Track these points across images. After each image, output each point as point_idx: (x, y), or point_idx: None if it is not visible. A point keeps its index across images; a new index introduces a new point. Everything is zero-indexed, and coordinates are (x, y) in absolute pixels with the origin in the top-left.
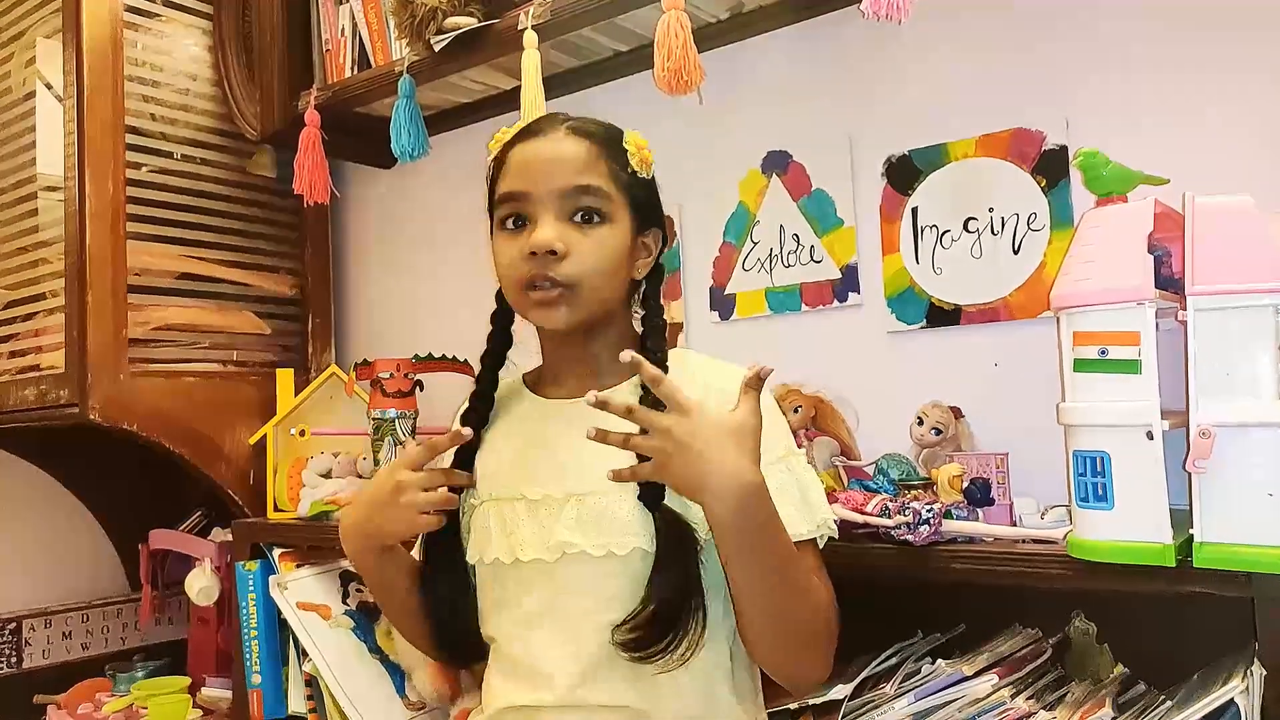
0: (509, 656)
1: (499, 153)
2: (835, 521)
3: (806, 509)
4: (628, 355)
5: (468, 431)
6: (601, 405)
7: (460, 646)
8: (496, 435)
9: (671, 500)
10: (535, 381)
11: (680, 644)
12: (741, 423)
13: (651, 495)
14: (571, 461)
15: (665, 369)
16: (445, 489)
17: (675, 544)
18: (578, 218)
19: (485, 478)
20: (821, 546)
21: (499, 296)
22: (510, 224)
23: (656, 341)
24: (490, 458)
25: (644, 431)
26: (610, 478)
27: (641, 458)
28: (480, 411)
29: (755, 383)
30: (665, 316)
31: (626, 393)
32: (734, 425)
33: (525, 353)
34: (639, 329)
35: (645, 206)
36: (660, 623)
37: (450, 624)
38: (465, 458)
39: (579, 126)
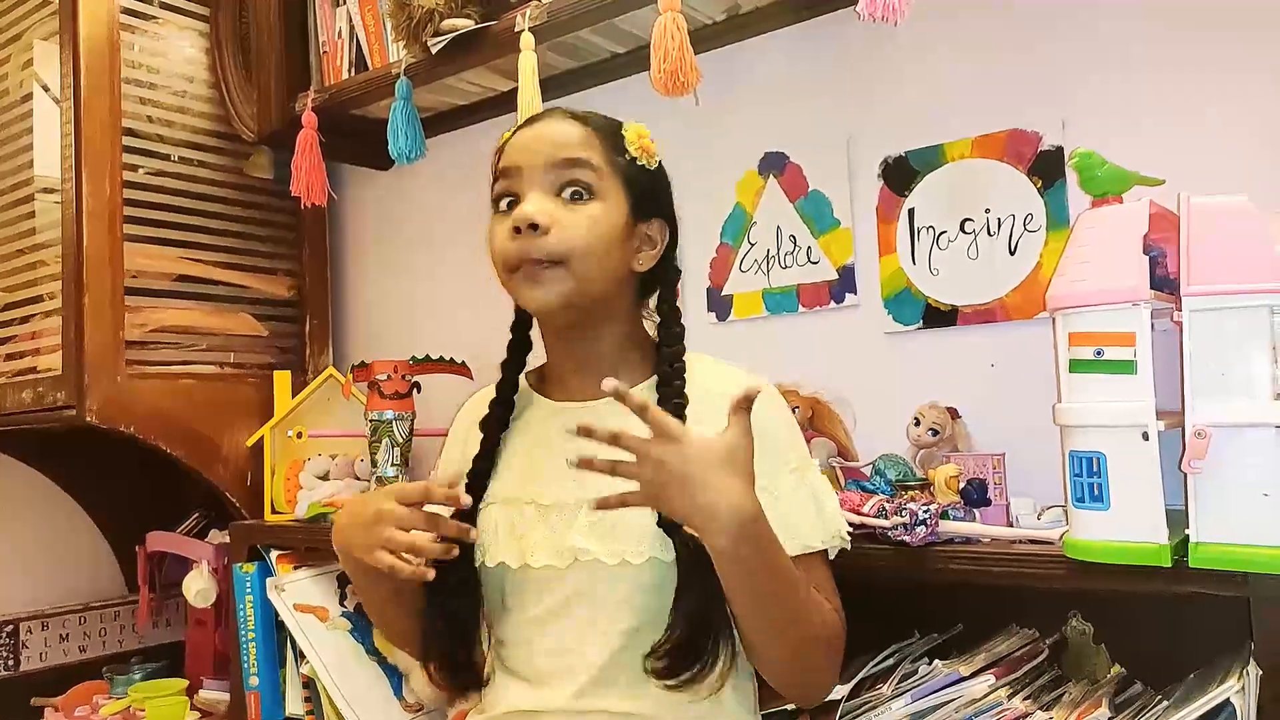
0: (514, 660)
1: (501, 145)
2: (848, 532)
3: (821, 520)
4: (610, 384)
5: (466, 500)
6: (619, 396)
7: (461, 676)
8: (502, 437)
9: None
10: (539, 382)
11: (712, 671)
12: (732, 446)
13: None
14: None
15: (683, 380)
16: (423, 537)
17: (695, 565)
18: (567, 193)
19: (490, 479)
20: (832, 557)
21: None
22: (504, 205)
23: (674, 351)
24: (495, 459)
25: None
26: (593, 506)
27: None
28: (501, 418)
29: (745, 404)
30: (684, 322)
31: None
32: (725, 450)
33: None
34: (654, 335)
35: (646, 195)
36: (690, 650)
37: (453, 654)
38: (481, 475)
39: (577, 113)
